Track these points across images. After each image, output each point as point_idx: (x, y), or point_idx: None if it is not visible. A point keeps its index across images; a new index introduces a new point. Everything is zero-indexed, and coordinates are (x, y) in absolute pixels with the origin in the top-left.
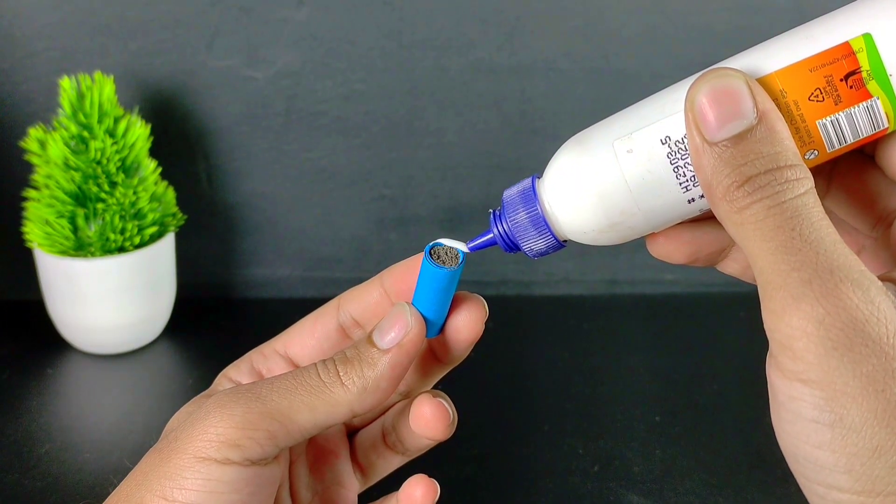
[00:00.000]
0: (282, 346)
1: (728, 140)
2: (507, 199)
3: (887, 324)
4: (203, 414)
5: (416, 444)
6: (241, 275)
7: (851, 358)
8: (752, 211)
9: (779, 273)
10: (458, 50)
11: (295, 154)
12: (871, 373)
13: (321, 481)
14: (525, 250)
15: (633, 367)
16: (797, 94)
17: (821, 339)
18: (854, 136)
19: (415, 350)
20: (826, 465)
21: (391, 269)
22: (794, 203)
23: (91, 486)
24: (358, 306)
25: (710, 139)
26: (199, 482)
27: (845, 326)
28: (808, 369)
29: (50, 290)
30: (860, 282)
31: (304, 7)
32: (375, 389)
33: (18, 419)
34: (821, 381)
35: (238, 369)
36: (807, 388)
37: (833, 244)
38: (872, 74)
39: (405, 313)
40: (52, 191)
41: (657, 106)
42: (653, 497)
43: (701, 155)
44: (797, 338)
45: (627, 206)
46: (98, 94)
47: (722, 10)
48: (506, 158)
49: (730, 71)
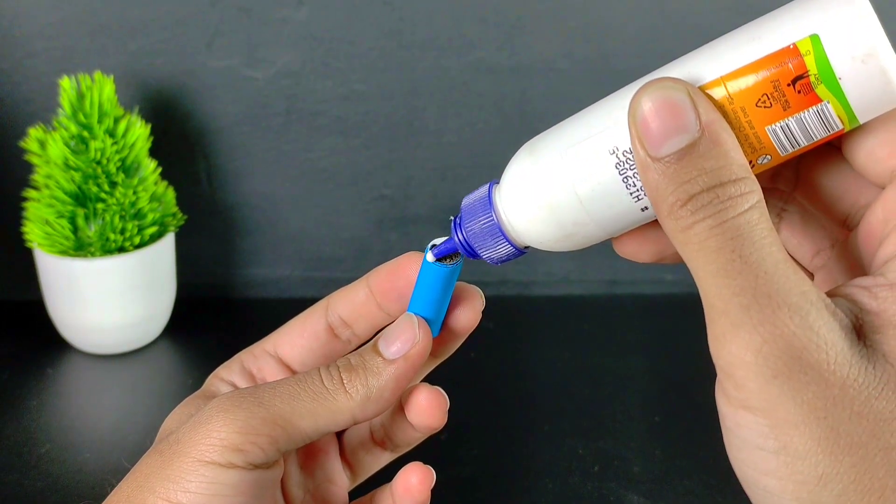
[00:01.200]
0: (272, 346)
1: (672, 155)
2: (465, 207)
3: (827, 349)
4: (205, 417)
5: (406, 438)
6: (241, 275)
7: (791, 386)
8: (695, 231)
9: (720, 298)
10: (458, 50)
11: (295, 154)
12: (811, 401)
13: (312, 479)
14: (485, 258)
15: (633, 367)
16: (743, 101)
17: (760, 368)
18: (807, 140)
19: (420, 362)
20: (775, 492)
21: (377, 270)
22: (737, 221)
23: (91, 486)
24: (345, 307)
25: (654, 154)
26: (202, 485)
27: (783, 354)
28: (751, 397)
29: (50, 290)
30: (799, 306)
31: (304, 7)
32: (379, 399)
33: (18, 419)
34: (764, 409)
35: (229, 369)
36: (751, 416)
37: (775, 265)
38: (821, 78)
39: (412, 325)
40: (52, 191)
41: (604, 113)
42: (653, 497)
43: (646, 170)
44: (737, 366)
45: (580, 217)
46: (98, 94)
47: (722, 10)
48: (506, 158)
49: (671, 82)
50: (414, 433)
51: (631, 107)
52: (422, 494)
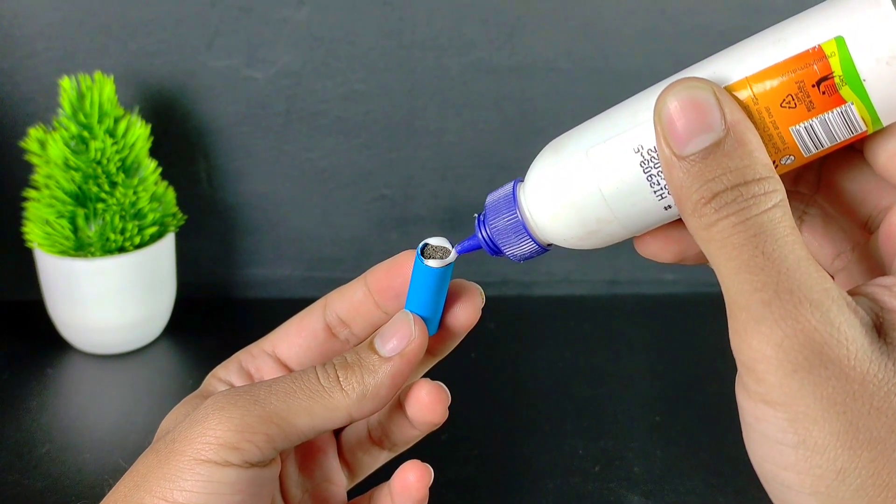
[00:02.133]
0: (269, 345)
1: (697, 154)
2: (489, 205)
3: (848, 345)
4: (201, 416)
5: (404, 437)
6: (241, 275)
7: (812, 381)
8: (718, 228)
9: (742, 293)
10: (458, 50)
11: (295, 154)
12: (831, 395)
13: (311, 479)
14: (508, 255)
15: (633, 367)
16: (768, 101)
17: (780, 363)
18: (831, 141)
19: (416, 360)
20: (793, 486)
21: (374, 269)
22: (760, 219)
23: (91, 486)
24: (343, 306)
25: (679, 153)
26: (199, 484)
27: (804, 349)
28: (771, 391)
29: (50, 290)
30: (820, 302)
31: (304, 7)
32: (375, 396)
33: (18, 419)
34: (783, 403)
35: (227, 369)
36: (770, 410)
37: (797, 262)
38: (845, 80)
39: (408, 322)
40: (52, 191)
41: (629, 113)
42: (653, 497)
43: (671, 168)
44: (758, 360)
45: (603, 215)
46: (98, 94)
47: (722, 10)
48: (506, 158)
49: (697, 82)
50: (412, 431)
51: (657, 105)
52: (419, 492)
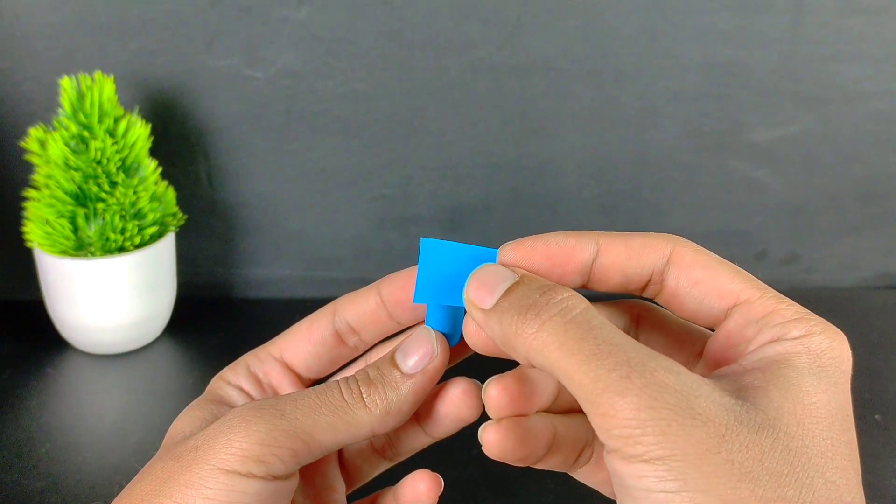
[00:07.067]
0: (277, 350)
1: (501, 297)
2: None
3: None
4: (227, 427)
5: (411, 446)
6: (241, 275)
7: (684, 430)
8: (548, 329)
9: (597, 379)
10: (458, 50)
11: (295, 154)
12: (703, 439)
13: (312, 486)
14: None
15: None
16: None
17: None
18: None
19: (438, 376)
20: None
21: (389, 279)
22: (585, 316)
23: (91, 486)
24: (354, 313)
25: (488, 307)
26: (221, 493)
27: (671, 406)
28: (651, 450)
29: (50, 290)
30: (673, 369)
31: (304, 7)
32: (398, 413)
33: (18, 419)
34: (662, 456)
35: (235, 372)
36: (650, 466)
37: (636, 346)
38: None
39: (430, 339)
40: (52, 191)
41: None
42: None
43: (486, 321)
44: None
45: None
46: (98, 94)
47: (722, 10)
48: (506, 158)
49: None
50: (422, 439)
51: None
52: (430, 502)
